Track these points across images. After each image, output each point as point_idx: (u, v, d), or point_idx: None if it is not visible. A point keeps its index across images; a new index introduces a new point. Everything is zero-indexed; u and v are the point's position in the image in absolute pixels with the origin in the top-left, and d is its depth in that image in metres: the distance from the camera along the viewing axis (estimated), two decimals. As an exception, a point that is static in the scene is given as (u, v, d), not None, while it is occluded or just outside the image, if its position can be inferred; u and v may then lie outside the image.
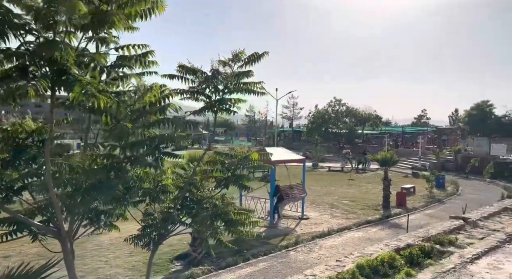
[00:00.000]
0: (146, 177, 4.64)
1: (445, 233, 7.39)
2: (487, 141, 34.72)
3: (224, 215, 4.77)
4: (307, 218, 15.83)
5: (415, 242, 6.62)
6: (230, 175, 4.99)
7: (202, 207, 4.88)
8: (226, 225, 4.85)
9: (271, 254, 10.97)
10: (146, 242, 5.00)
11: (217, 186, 5.08)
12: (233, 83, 4.76)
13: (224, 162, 5.07)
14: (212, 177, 5.09)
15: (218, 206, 4.86)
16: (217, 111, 4.85)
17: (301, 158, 17.06)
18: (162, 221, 4.71)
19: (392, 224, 15.27)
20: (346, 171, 33.49)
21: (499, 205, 10.74)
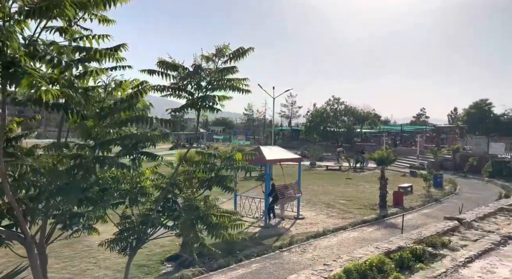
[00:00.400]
0: (123, 178, 4.45)
1: (439, 235, 7.19)
2: (485, 139, 34.59)
3: (205, 218, 4.58)
4: (303, 217, 15.66)
5: (407, 244, 6.43)
6: (213, 176, 4.79)
7: (184, 209, 4.69)
8: (208, 228, 4.66)
9: (264, 255, 10.80)
10: (123, 246, 4.81)
11: (199, 187, 4.88)
12: (216, 79, 4.56)
13: (207, 162, 4.88)
14: (195, 178, 4.90)
15: (200, 209, 4.67)
16: (200, 109, 4.65)
17: (297, 157, 16.88)
18: (140, 224, 4.53)
19: (388, 224, 15.11)
20: (344, 170, 33.34)
21: (495, 205, 10.56)
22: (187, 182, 4.87)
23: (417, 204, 19.01)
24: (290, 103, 72.36)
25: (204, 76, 4.57)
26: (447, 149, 36.67)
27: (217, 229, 4.66)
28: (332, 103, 56.09)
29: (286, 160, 16.62)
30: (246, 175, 27.67)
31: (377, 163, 19.27)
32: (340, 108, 55.67)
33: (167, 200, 4.87)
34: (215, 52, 4.55)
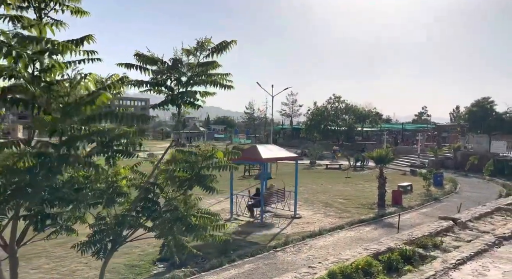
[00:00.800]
0: (97, 177, 4.29)
1: (431, 235, 7.02)
2: (487, 138, 34.30)
3: (184, 219, 4.42)
4: (300, 217, 15.51)
5: (397, 245, 6.26)
6: (194, 175, 4.63)
7: (164, 210, 4.54)
8: (187, 229, 4.49)
9: (258, 255, 10.66)
10: (97, 249, 4.66)
11: (179, 186, 4.72)
12: (197, 74, 4.39)
13: (188, 160, 4.71)
14: (174, 177, 4.73)
15: (179, 209, 4.51)
16: (180, 105, 4.49)
17: (294, 156, 16.73)
18: (115, 226, 4.38)
19: (386, 223, 14.94)
20: (344, 169, 33.15)
21: (493, 204, 10.35)
22: (168, 181, 4.71)
23: (416, 203, 18.82)
24: (291, 101, 72.09)
25: (184, 71, 4.41)
26: (448, 148, 36.38)
27: (197, 230, 4.49)
28: (333, 102, 55.83)
29: (282, 158, 16.47)
30: (245, 173, 27.56)
31: (376, 161, 19.09)
32: (341, 107, 55.40)
33: (147, 200, 4.71)
34: (196, 45, 4.38)
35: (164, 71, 4.40)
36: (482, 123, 42.43)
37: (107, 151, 4.01)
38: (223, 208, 16.51)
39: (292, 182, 16.45)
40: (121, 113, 3.66)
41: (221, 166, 4.65)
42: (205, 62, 4.41)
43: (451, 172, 31.14)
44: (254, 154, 14.81)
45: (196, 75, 4.41)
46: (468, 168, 29.85)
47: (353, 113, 54.83)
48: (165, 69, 4.39)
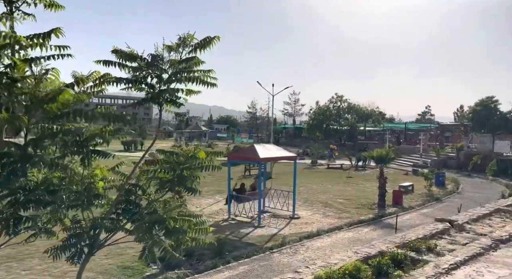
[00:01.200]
0: (72, 179, 4.13)
1: (426, 238, 6.82)
2: (490, 137, 33.92)
3: (162, 223, 4.26)
4: (298, 217, 15.35)
5: (389, 248, 6.07)
6: (176, 176, 4.47)
7: (143, 213, 4.38)
8: (166, 233, 4.34)
9: (254, 257, 10.50)
10: (72, 254, 4.52)
11: (160, 188, 4.56)
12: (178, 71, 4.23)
13: (169, 161, 4.56)
14: (155, 178, 4.58)
15: (158, 212, 4.36)
16: (162, 103, 4.34)
17: (292, 155, 16.56)
18: (91, 229, 4.24)
19: (385, 224, 14.74)
20: (345, 169, 32.92)
21: (492, 205, 10.12)
22: (150, 182, 4.57)
23: (417, 203, 18.60)
24: (293, 101, 71.82)
25: (165, 68, 4.25)
26: (450, 147, 36.03)
27: (175, 234, 4.34)
28: (335, 101, 55.53)
29: (280, 158, 16.31)
30: (245, 173, 27.43)
31: (376, 161, 18.89)
32: (343, 106, 55.09)
33: (129, 202, 4.57)
34: (178, 41, 4.22)
35: (143, 68, 4.25)
36: (486, 123, 42.03)
37: (82, 151, 3.87)
38: (221, 208, 16.40)
39: (291, 182, 16.32)
40: (91, 111, 3.51)
41: (203, 166, 4.50)
42: (186, 59, 4.25)
43: (454, 171, 30.82)
44: (252, 153, 14.67)
45: (177, 72, 4.26)
46: (471, 168, 29.52)
47: (356, 112, 54.52)
48: (144, 65, 4.24)
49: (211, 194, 19.78)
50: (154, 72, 4.26)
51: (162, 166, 4.52)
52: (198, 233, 4.63)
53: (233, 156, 16.29)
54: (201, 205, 17.37)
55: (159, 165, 4.54)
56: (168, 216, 4.29)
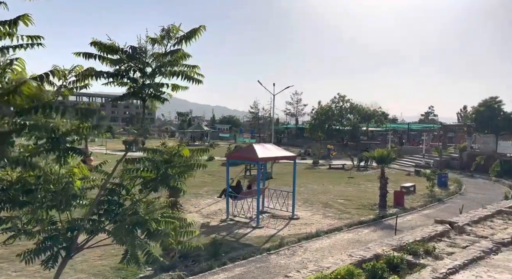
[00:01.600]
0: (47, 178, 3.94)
1: (424, 241, 6.59)
2: (493, 138, 33.58)
3: (143, 224, 4.07)
4: (298, 218, 15.16)
5: (385, 252, 5.86)
6: (159, 175, 4.28)
7: (123, 214, 4.19)
8: (147, 235, 4.14)
9: (250, 258, 10.32)
10: (47, 257, 4.33)
11: (143, 187, 4.37)
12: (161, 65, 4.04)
13: (152, 159, 4.37)
14: (138, 177, 4.38)
15: (139, 213, 4.16)
16: (145, 98, 4.16)
17: (292, 155, 16.35)
18: (68, 231, 4.05)
19: (386, 225, 14.52)
20: (347, 169, 32.69)
21: (494, 207, 9.87)
22: (133, 182, 4.37)
23: (419, 204, 18.36)
24: (296, 101, 71.51)
25: (148, 61, 4.06)
26: (453, 148, 35.70)
27: (158, 237, 4.14)
28: (338, 101, 55.17)
29: (279, 158, 16.13)
30: (246, 173, 27.25)
31: (377, 161, 18.66)
32: (346, 106, 54.73)
33: (111, 202, 4.38)
34: (161, 33, 4.03)
35: (124, 61, 4.07)
36: (490, 123, 41.59)
37: (57, 149, 3.69)
38: (220, 208, 16.23)
39: (292, 182, 16.15)
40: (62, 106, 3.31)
41: (188, 164, 4.31)
42: (170, 51, 4.06)
43: (457, 172, 30.52)
44: (250, 153, 14.49)
45: (161, 66, 4.08)
46: (474, 169, 29.21)
47: (358, 112, 54.13)
48: (124, 58, 4.06)
49: (210, 193, 19.62)
50: (137, 66, 4.08)
51: (145, 164, 4.33)
52: (183, 235, 4.44)
53: (232, 155, 16.12)
54: (200, 204, 17.21)
55: (141, 163, 4.34)
56: (150, 217, 4.09)
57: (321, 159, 38.03)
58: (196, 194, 19.37)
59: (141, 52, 4.04)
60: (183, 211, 15.45)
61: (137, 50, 4.03)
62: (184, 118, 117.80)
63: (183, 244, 4.45)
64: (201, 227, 13.48)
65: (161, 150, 4.36)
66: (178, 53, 4.05)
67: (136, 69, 4.11)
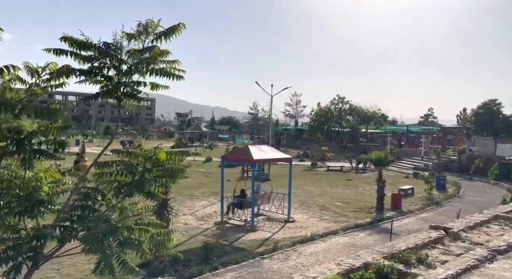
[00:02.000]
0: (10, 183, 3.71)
1: (417, 248, 6.39)
2: (492, 140, 33.40)
3: (115, 232, 3.85)
4: (293, 221, 14.96)
5: (375, 260, 5.66)
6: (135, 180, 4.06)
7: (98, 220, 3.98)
8: (119, 243, 3.93)
9: (243, 263, 10.10)
10: (9, 269, 4.08)
11: (117, 193, 4.15)
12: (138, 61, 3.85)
13: (128, 162, 4.16)
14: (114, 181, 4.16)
15: (111, 220, 3.94)
16: (121, 97, 3.96)
17: (287, 157, 16.18)
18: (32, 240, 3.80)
19: (382, 229, 14.31)
20: (345, 171, 32.49)
21: (491, 212, 9.68)
22: (107, 186, 4.16)
23: (416, 208, 18.16)
24: (295, 102, 71.35)
25: (124, 59, 3.87)
26: (452, 150, 35.54)
27: (129, 245, 3.92)
28: (337, 103, 55.01)
29: (275, 159, 15.98)
30: (242, 175, 27.05)
31: (375, 164, 18.46)
32: (345, 108, 54.57)
33: (85, 208, 4.16)
34: (138, 28, 3.83)
35: (97, 58, 3.86)
36: (489, 126, 41.48)
37: (21, 151, 3.49)
38: (215, 210, 16.03)
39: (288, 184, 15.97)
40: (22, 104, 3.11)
41: (165, 169, 4.11)
42: (146, 48, 3.86)
43: (456, 175, 30.32)
44: (245, 154, 14.32)
45: (138, 63, 3.88)
46: (473, 171, 29.00)
47: (357, 114, 53.97)
48: (96, 55, 3.86)
49: (205, 195, 19.43)
50: (112, 63, 3.89)
51: (117, 168, 4.12)
52: (159, 244, 4.23)
53: (227, 157, 15.92)
54: (195, 207, 17.02)
55: (114, 167, 4.13)
56: (123, 225, 3.89)
57: (319, 161, 37.84)
58: (192, 196, 19.18)
59: (116, 48, 3.84)
60: (176, 214, 15.26)
61: (111, 46, 3.83)
62: (183, 119, 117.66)
63: (160, 252, 4.24)
64: (194, 229, 13.29)
65: (136, 153, 4.15)
66: (155, 49, 3.86)
67: (110, 66, 3.92)
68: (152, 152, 4.09)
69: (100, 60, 3.91)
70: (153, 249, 4.21)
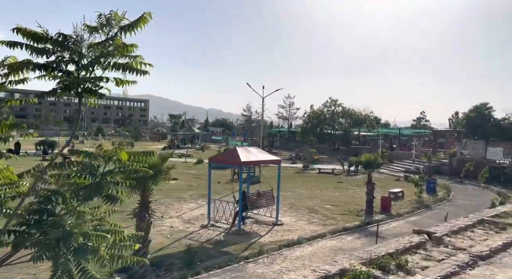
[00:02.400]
0: None
1: (398, 253, 6.25)
2: (483, 144, 33.57)
3: (68, 239, 3.61)
4: (281, 224, 14.79)
5: (352, 266, 5.50)
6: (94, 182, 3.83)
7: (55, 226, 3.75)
8: (73, 251, 3.69)
9: (226, 267, 9.90)
10: None
11: (75, 196, 3.91)
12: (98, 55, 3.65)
13: (87, 163, 3.94)
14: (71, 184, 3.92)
15: (64, 225, 3.70)
16: (81, 93, 3.74)
17: (276, 159, 16.00)
18: None
19: (370, 232, 14.18)
20: (336, 173, 32.44)
21: (476, 216, 9.59)
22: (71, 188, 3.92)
23: (406, 211, 18.08)
24: (288, 104, 71.27)
25: (84, 53, 3.66)
26: (443, 153, 35.65)
27: (83, 253, 3.69)
28: (330, 105, 55.07)
29: (263, 161, 15.79)
30: (233, 177, 26.82)
31: (364, 166, 18.37)
32: (337, 110, 54.65)
33: (43, 211, 3.93)
34: (100, 20, 3.62)
35: (53, 51, 3.65)
36: (480, 130, 41.67)
37: None
38: (202, 213, 15.80)
39: (281, 187, 15.80)
40: None
41: (126, 170, 3.89)
42: (104, 40, 3.64)
43: (446, 178, 30.40)
44: (232, 156, 14.14)
45: (98, 57, 3.67)
46: (463, 175, 29.10)
47: (350, 117, 54.04)
48: (50, 48, 3.64)
49: (194, 198, 19.18)
50: (71, 57, 3.67)
51: (72, 169, 3.88)
52: (120, 250, 4.01)
53: (214, 158, 15.70)
54: (182, 209, 16.77)
55: (71, 169, 3.90)
56: (79, 231, 3.65)
57: (311, 163, 37.77)
58: (180, 198, 18.92)
59: (75, 41, 3.64)
60: (162, 216, 15.01)
61: (68, 39, 3.62)
62: (176, 120, 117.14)
63: (124, 259, 4.02)
64: (180, 233, 13.06)
65: (93, 153, 3.91)
66: (117, 41, 3.65)
67: (69, 60, 3.71)
68: (113, 152, 3.87)
69: (57, 54, 3.69)
70: (116, 256, 3.98)
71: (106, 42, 3.60)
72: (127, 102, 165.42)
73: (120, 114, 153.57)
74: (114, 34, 3.62)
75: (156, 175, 8.34)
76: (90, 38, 3.67)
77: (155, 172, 8.20)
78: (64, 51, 3.68)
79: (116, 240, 3.91)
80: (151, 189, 9.10)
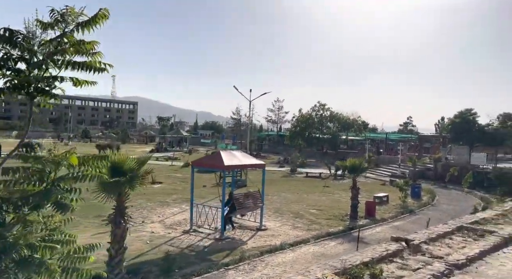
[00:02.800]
0: None
1: (373, 262, 6.16)
2: (467, 149, 34.03)
3: (10, 251, 3.37)
4: (265, 229, 14.62)
5: (324, 276, 5.40)
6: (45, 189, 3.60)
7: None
8: (16, 264, 3.44)
9: (205, 274, 9.67)
10: None
11: (24, 204, 3.66)
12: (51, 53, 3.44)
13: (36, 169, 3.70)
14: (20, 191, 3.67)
15: (7, 236, 3.45)
16: (33, 94, 3.53)
17: (260, 163, 15.85)
18: None
19: (354, 237, 14.08)
20: (323, 178, 32.47)
21: (455, 222, 9.59)
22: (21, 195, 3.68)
23: (390, 216, 18.10)
24: (277, 108, 71.40)
25: (36, 50, 3.45)
26: (429, 158, 36.02)
27: (28, 266, 3.44)
28: (318, 109, 55.29)
29: (247, 165, 15.65)
30: (219, 181, 26.58)
31: (349, 171, 18.36)
32: (326, 115, 54.89)
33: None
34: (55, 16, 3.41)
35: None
36: (464, 135, 42.30)
37: None
38: (185, 218, 15.53)
39: (267, 191, 15.65)
40: None
41: (78, 176, 3.67)
42: (57, 36, 3.44)
43: (431, 183, 30.66)
44: (216, 160, 13.94)
45: (52, 54, 3.47)
46: (448, 180, 29.39)
47: (338, 121, 54.33)
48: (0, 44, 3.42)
49: (178, 202, 18.89)
50: (19, 54, 3.45)
51: (25, 176, 3.65)
52: (74, 263, 3.79)
53: (197, 162, 15.47)
54: (165, 214, 16.47)
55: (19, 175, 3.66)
56: (24, 242, 3.42)
57: (299, 167, 37.75)
58: (163, 202, 18.62)
59: (25, 37, 3.43)
60: (143, 221, 14.71)
61: (15, 34, 3.41)
62: (165, 123, 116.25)
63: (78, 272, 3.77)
64: (160, 238, 12.79)
65: (42, 157, 3.67)
66: (70, 38, 3.45)
67: (17, 58, 3.49)
68: (63, 157, 3.65)
69: (4, 51, 3.48)
70: (69, 269, 3.76)
71: (60, 38, 3.40)
72: (115, 104, 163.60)
73: (108, 116, 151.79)
74: (70, 30, 3.42)
75: (133, 179, 8.10)
76: (43, 35, 3.46)
77: (131, 177, 7.97)
78: (13, 48, 3.46)
79: (70, 251, 3.69)
80: (127, 194, 8.86)
